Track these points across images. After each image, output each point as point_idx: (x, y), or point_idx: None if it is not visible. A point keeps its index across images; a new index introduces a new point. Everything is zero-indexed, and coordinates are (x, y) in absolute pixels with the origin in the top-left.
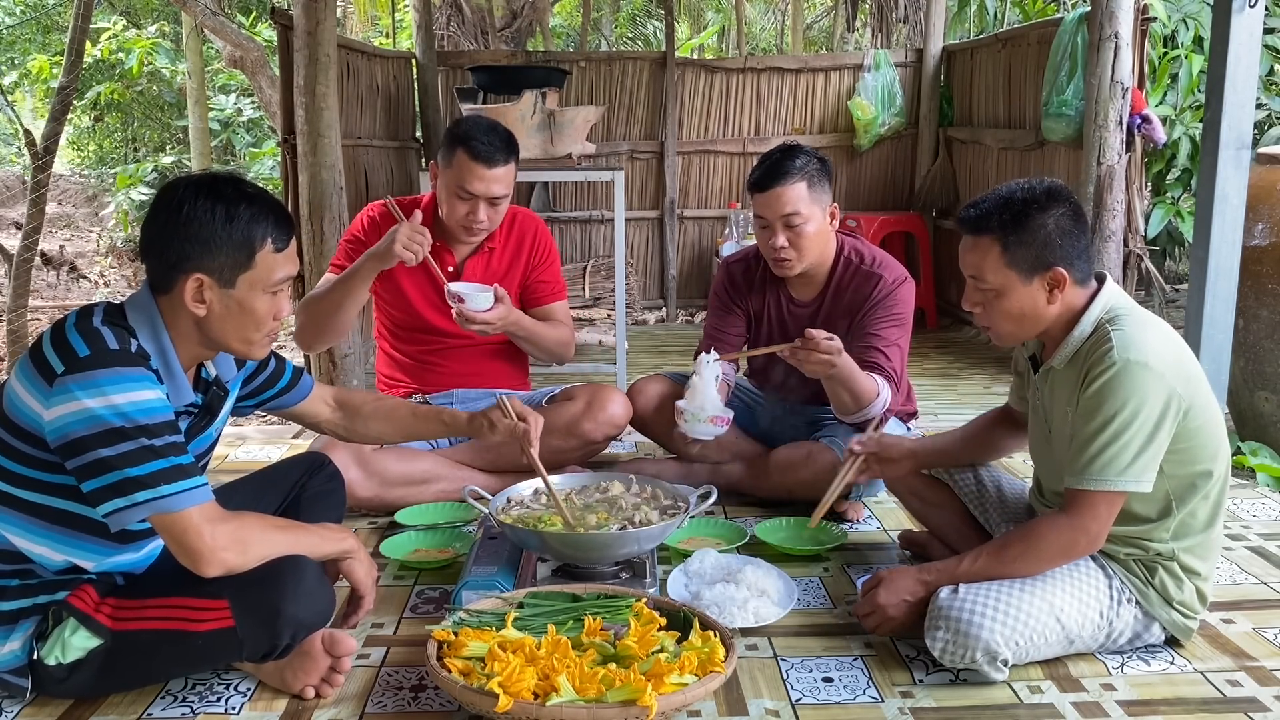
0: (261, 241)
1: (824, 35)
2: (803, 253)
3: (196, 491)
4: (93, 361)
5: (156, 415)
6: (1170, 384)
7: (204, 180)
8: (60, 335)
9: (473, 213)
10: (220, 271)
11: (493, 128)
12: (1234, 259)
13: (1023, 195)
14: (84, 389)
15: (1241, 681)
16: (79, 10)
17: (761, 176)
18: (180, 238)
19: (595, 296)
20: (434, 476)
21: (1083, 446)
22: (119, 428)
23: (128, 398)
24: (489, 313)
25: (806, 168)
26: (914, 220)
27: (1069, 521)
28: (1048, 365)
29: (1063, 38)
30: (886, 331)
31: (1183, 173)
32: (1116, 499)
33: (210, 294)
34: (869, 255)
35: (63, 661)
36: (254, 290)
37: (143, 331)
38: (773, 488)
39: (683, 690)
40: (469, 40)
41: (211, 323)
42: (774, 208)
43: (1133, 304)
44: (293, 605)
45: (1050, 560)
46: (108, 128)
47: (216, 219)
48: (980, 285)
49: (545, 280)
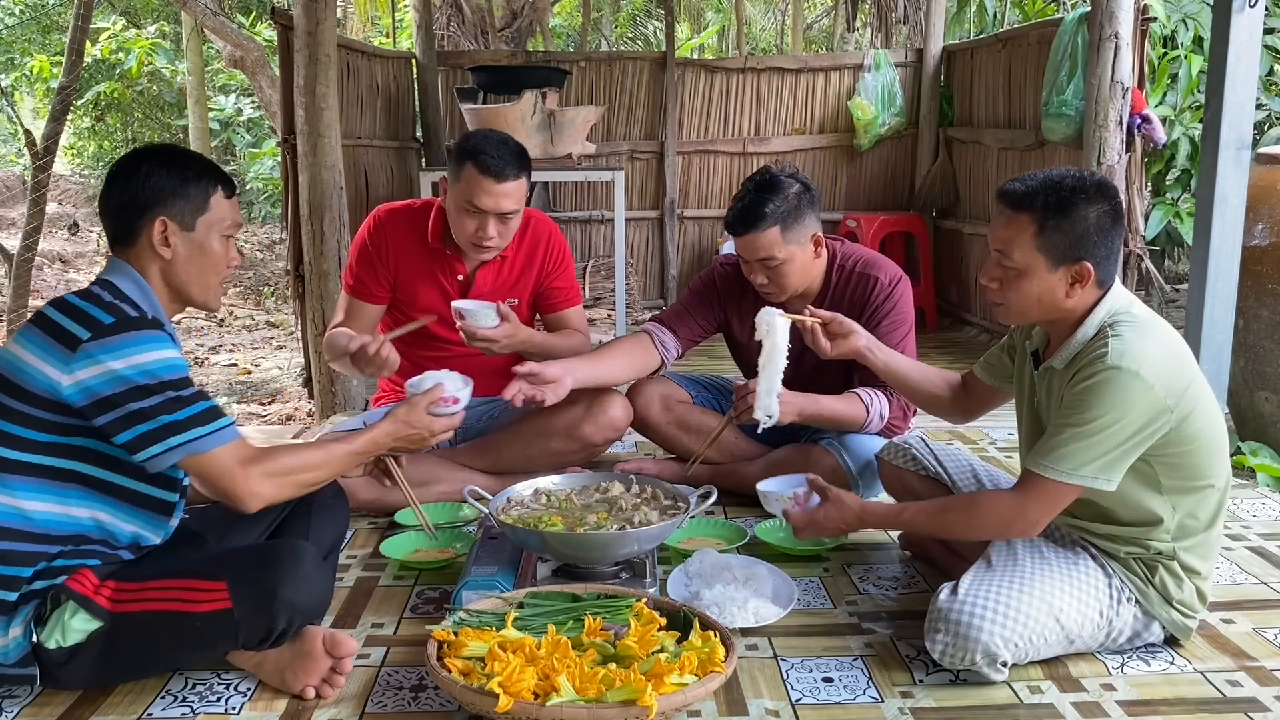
0: (213, 188)
1: (824, 35)
2: (784, 288)
3: (225, 431)
4: (118, 328)
5: (179, 370)
6: (1159, 397)
7: (156, 148)
8: (72, 307)
9: (481, 229)
10: (181, 215)
11: (503, 141)
12: (1234, 259)
13: (1072, 183)
14: (110, 353)
15: (1241, 681)
16: (79, 10)
17: (734, 220)
18: (144, 191)
19: (595, 296)
20: (434, 478)
21: (1052, 434)
22: (146, 385)
23: (153, 357)
24: (494, 330)
25: (779, 209)
26: (914, 220)
27: (1013, 501)
28: (1047, 365)
29: (1063, 38)
30: (889, 339)
31: (1182, 173)
32: (1067, 491)
33: (174, 237)
34: (859, 257)
35: (63, 645)
36: (211, 232)
37: (133, 293)
38: None
39: (683, 690)
40: (469, 40)
41: (176, 266)
42: (749, 251)
43: (1140, 308)
44: (290, 589)
45: (983, 532)
46: (108, 128)
47: (173, 173)
48: (1004, 261)
49: (559, 286)
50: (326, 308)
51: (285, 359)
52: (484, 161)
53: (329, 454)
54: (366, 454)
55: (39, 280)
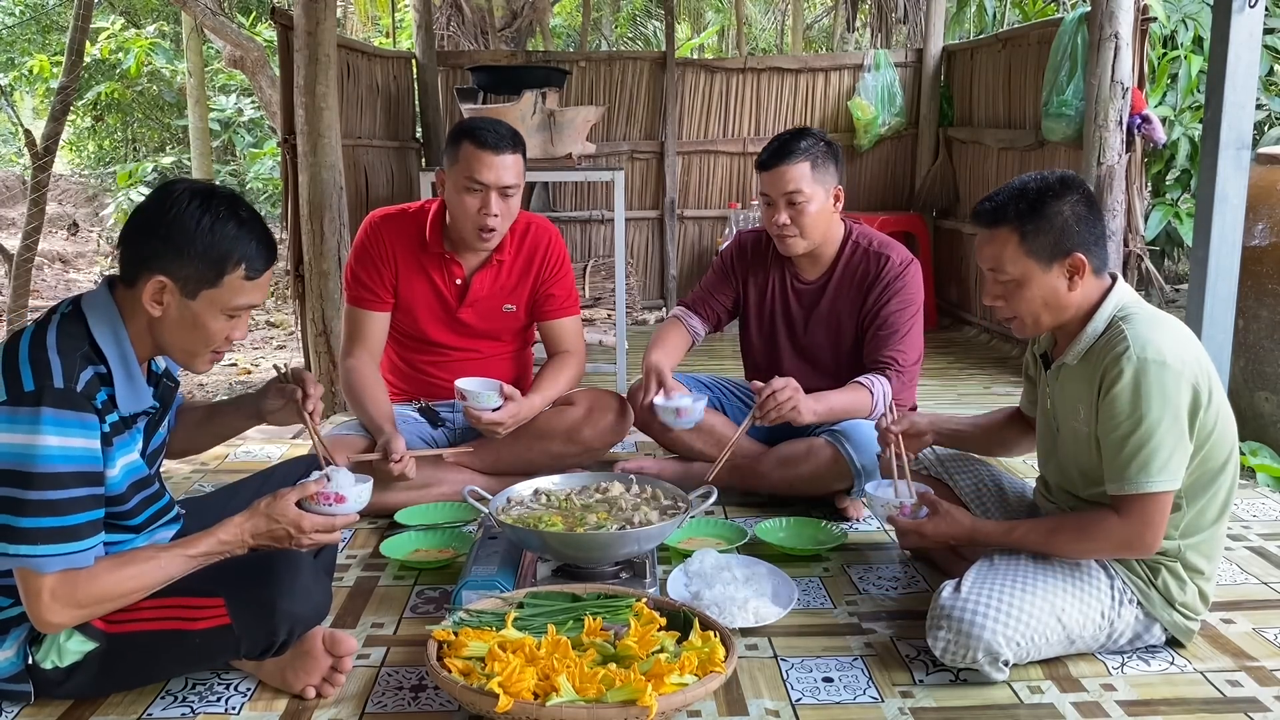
0: (235, 265)
1: (824, 35)
2: (805, 230)
3: (67, 558)
4: (33, 399)
5: (77, 464)
6: (1190, 379)
7: (202, 189)
8: (12, 359)
9: (485, 206)
10: (185, 281)
11: (496, 122)
12: (1234, 259)
13: (1037, 185)
14: (7, 423)
15: (1241, 681)
16: (79, 10)
17: (768, 156)
18: (159, 236)
19: (595, 296)
20: (434, 480)
21: (1116, 451)
22: (15, 472)
23: (46, 441)
24: (496, 413)
25: (812, 149)
26: (914, 220)
27: (1122, 524)
28: (1060, 362)
29: (1063, 38)
30: (897, 317)
31: (1182, 173)
32: (1164, 499)
33: (170, 299)
34: (877, 239)
35: (59, 665)
36: (212, 308)
37: (102, 333)
38: (774, 484)
39: (683, 690)
40: (469, 40)
41: (163, 326)
42: (777, 185)
43: (1143, 302)
44: (288, 601)
45: (1100, 555)
46: (107, 128)
47: (200, 228)
48: (1000, 277)
49: (556, 294)
50: (326, 308)
51: (285, 359)
52: (481, 136)
53: (158, 567)
54: (213, 555)
55: (39, 280)
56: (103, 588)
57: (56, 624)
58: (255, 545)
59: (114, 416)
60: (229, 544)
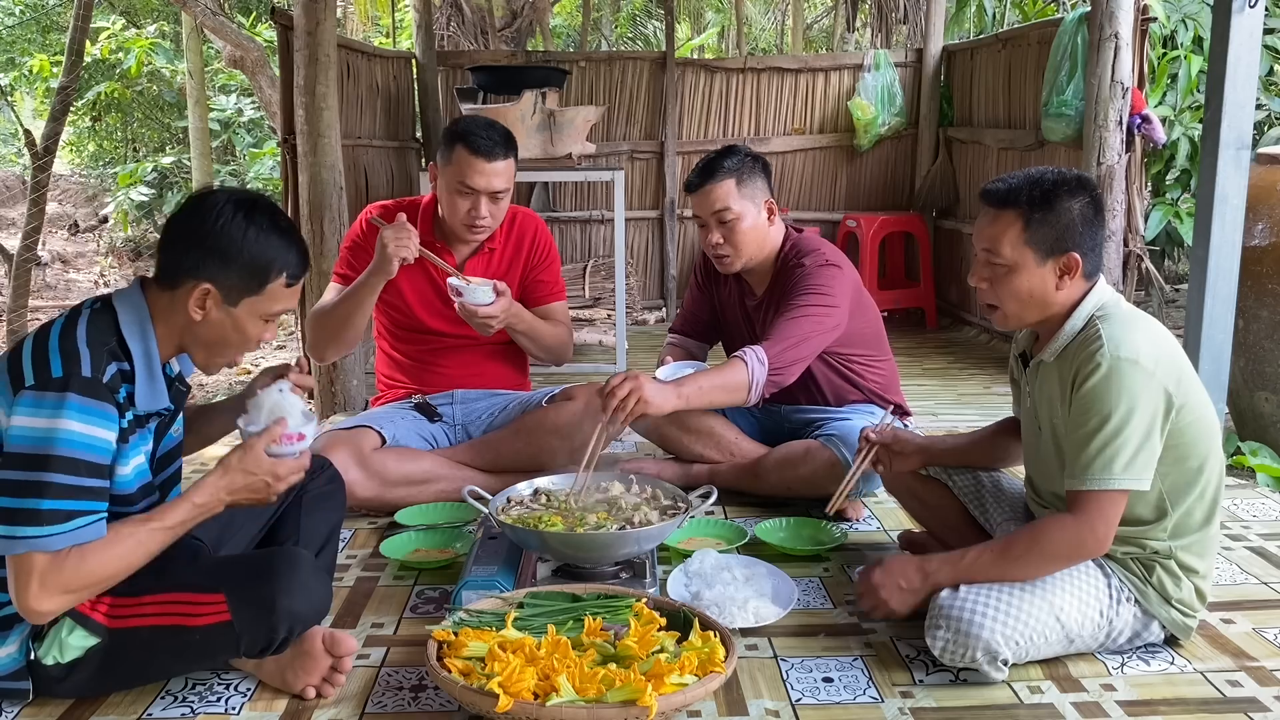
0: (277, 272)
1: (824, 35)
2: (739, 249)
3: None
4: (60, 385)
5: (94, 454)
6: (1162, 381)
7: (244, 198)
8: (42, 348)
9: (474, 209)
10: (229, 289)
11: (491, 124)
12: (1234, 259)
13: (1053, 177)
14: (40, 407)
15: (1241, 681)
16: (79, 10)
17: (694, 177)
18: (204, 245)
19: (595, 296)
20: (434, 476)
21: (1080, 447)
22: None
23: (68, 426)
24: (491, 306)
25: (737, 167)
26: (914, 220)
27: (1074, 522)
28: (1038, 359)
29: (1063, 38)
30: (793, 301)
31: (1181, 173)
32: (1119, 498)
33: (212, 304)
34: (806, 246)
35: (61, 661)
36: (253, 314)
37: (131, 330)
38: (772, 486)
39: (683, 690)
40: (469, 40)
41: (199, 330)
42: (706, 205)
43: (1122, 301)
44: (288, 598)
45: (1055, 561)
46: (107, 128)
47: (246, 238)
48: (993, 259)
49: (544, 280)
50: None
51: (285, 359)
52: (474, 143)
53: (138, 544)
54: (191, 522)
55: (39, 280)
56: (90, 570)
57: (45, 611)
58: (233, 501)
59: (130, 414)
60: (205, 505)
